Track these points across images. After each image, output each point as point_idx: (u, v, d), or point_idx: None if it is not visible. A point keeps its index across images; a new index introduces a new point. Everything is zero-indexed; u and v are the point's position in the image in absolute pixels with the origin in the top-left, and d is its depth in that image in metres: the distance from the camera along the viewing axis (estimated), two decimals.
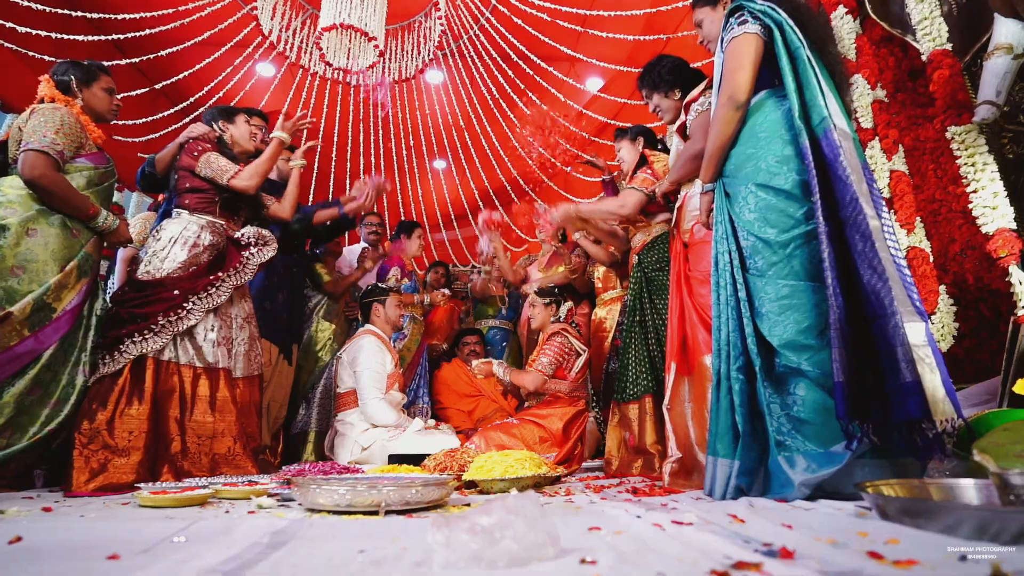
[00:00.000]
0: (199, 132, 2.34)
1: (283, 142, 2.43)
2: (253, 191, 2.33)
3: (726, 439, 1.51)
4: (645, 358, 2.47)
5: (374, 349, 2.90)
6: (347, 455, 2.72)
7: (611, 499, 1.52)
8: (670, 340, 2.12)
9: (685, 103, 2.24)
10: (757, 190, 1.61)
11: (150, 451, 1.99)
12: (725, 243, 1.71)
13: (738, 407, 1.50)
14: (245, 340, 2.44)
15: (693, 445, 1.87)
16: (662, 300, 2.56)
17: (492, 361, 2.95)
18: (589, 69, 5.24)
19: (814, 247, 1.49)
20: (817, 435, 1.38)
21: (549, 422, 2.63)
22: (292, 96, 4.92)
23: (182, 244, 2.25)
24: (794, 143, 1.57)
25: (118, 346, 2.02)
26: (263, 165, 2.34)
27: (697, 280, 2.11)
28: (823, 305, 1.45)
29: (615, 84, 5.08)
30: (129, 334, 2.03)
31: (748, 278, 1.62)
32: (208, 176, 2.28)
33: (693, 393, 1.99)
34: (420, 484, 1.33)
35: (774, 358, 1.51)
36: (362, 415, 2.82)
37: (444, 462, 2.00)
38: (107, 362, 2.02)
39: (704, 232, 2.16)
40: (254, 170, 2.32)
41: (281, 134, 2.44)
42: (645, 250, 2.67)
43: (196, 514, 1.25)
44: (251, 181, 2.30)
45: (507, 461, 1.78)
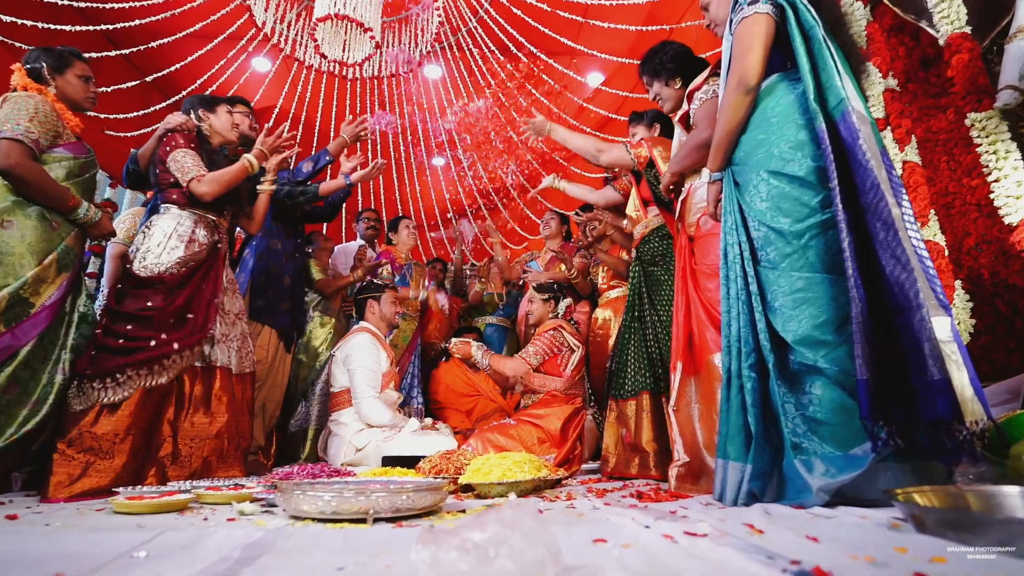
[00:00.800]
0: (176, 123, 2.23)
1: (250, 164, 2.28)
2: (208, 199, 2.20)
3: (737, 441, 1.42)
4: (643, 354, 2.39)
5: (368, 347, 2.81)
6: (341, 456, 2.64)
7: (615, 504, 1.43)
8: (676, 338, 2.03)
9: (688, 92, 2.15)
10: (769, 177, 1.52)
11: (138, 454, 1.90)
12: (735, 234, 1.62)
13: (750, 407, 1.41)
14: (238, 336, 2.36)
15: (701, 448, 1.78)
16: (660, 295, 2.48)
17: (471, 342, 2.79)
18: (590, 63, 5.16)
19: (831, 237, 1.40)
20: (835, 437, 1.29)
21: (547, 422, 2.55)
22: (287, 90, 4.82)
23: (178, 239, 2.16)
24: (809, 127, 1.48)
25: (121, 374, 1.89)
26: (226, 177, 2.21)
27: (704, 274, 2.02)
28: (841, 298, 1.36)
29: (617, 77, 4.99)
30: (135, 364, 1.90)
31: (760, 270, 1.53)
32: (174, 173, 2.18)
33: (700, 394, 1.90)
34: (411, 490, 1.25)
35: (788, 355, 1.43)
36: (356, 415, 2.73)
37: (440, 465, 1.91)
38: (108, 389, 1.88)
39: (711, 224, 2.07)
40: (216, 178, 2.19)
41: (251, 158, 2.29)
42: (642, 243, 2.59)
43: (170, 522, 1.17)
44: (209, 188, 2.17)
45: (505, 464, 1.70)
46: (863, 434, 1.25)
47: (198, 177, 2.15)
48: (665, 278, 2.42)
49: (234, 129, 2.51)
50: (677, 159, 2.18)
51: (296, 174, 3.14)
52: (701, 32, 3.14)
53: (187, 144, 2.20)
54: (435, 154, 6.19)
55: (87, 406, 1.83)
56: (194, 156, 2.18)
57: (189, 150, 2.18)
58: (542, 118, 2.52)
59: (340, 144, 3.13)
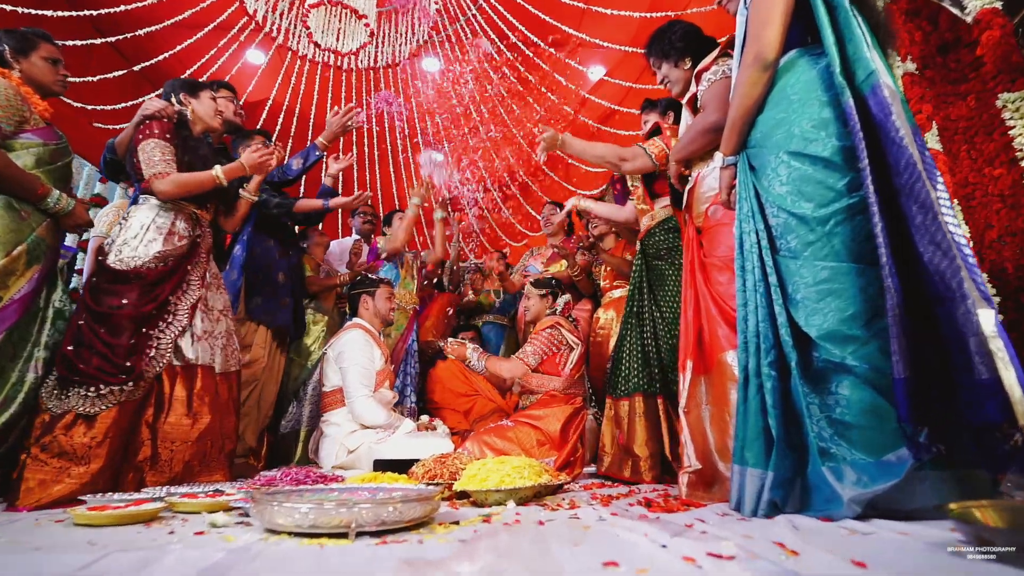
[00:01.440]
0: (154, 109, 2.10)
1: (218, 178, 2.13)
2: (164, 198, 2.06)
3: (756, 446, 1.30)
4: (638, 352, 2.26)
5: (361, 344, 2.69)
6: (332, 458, 2.52)
7: (623, 515, 1.31)
8: (684, 335, 1.91)
9: (696, 73, 2.03)
10: (790, 159, 1.40)
11: (115, 459, 1.78)
12: (751, 222, 1.50)
13: (771, 409, 1.29)
14: (223, 333, 2.24)
15: (713, 453, 1.66)
16: (663, 290, 2.36)
17: (467, 343, 2.69)
18: (592, 54, 5.03)
19: (858, 223, 1.28)
20: (866, 442, 1.17)
21: (546, 423, 2.42)
22: (280, 82, 4.70)
23: (156, 231, 2.04)
24: (833, 104, 1.36)
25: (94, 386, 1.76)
26: (191, 182, 2.06)
27: (715, 267, 1.90)
28: (870, 289, 1.24)
29: (620, 70, 4.87)
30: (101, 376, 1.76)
31: (779, 260, 1.41)
32: (141, 163, 2.04)
33: (711, 394, 1.78)
34: (399, 500, 1.13)
35: (811, 351, 1.31)
36: (349, 415, 2.61)
37: (434, 469, 1.80)
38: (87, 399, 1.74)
39: (720, 214, 1.95)
40: (180, 182, 2.04)
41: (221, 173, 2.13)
42: (648, 235, 2.47)
43: (127, 538, 1.05)
44: (169, 188, 2.02)
45: (503, 469, 1.58)
46: (897, 438, 1.14)
47: (162, 174, 2.00)
48: (670, 272, 2.30)
49: (217, 116, 2.38)
50: (682, 145, 2.06)
51: (286, 171, 3.00)
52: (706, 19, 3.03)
53: (162, 134, 2.06)
54: (432, 147, 6.06)
55: (64, 410, 1.71)
56: (165, 149, 2.04)
57: (162, 141, 2.05)
58: (551, 132, 2.40)
59: (329, 136, 2.99)
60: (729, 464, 1.61)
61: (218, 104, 2.44)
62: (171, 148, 2.07)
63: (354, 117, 3.00)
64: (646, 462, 2.07)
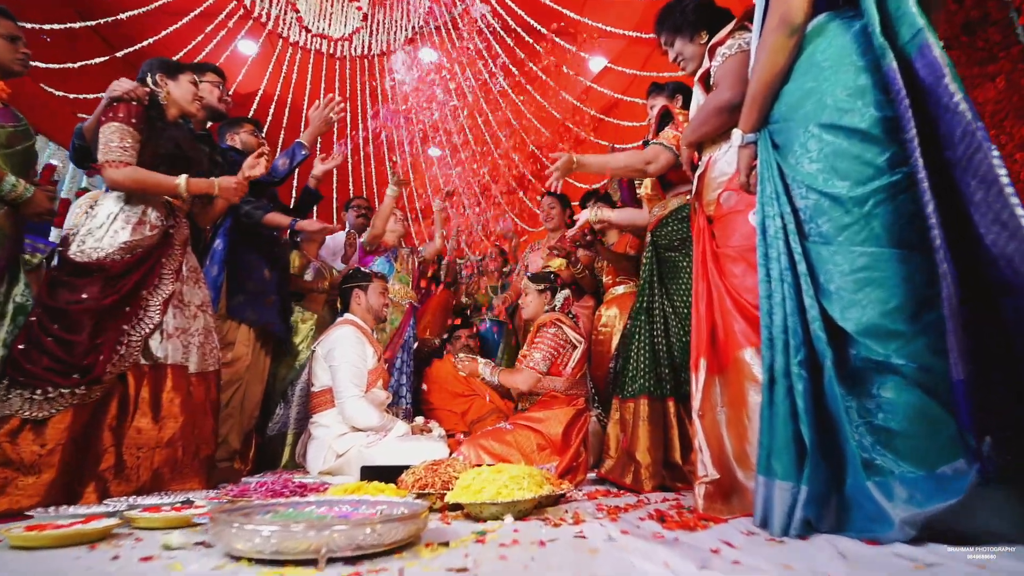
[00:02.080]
0: (122, 90, 1.93)
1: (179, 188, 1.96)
2: (114, 188, 1.90)
3: (786, 456, 1.15)
4: (647, 351, 2.11)
5: (353, 341, 2.54)
6: (320, 463, 2.37)
7: (635, 533, 1.16)
8: (697, 332, 1.76)
9: (710, 47, 1.88)
10: (821, 133, 1.24)
11: (70, 467, 1.63)
12: (775, 204, 1.35)
13: (802, 414, 1.14)
14: (200, 331, 2.09)
15: (731, 460, 1.51)
16: (677, 283, 2.20)
17: (478, 359, 2.59)
18: (595, 44, 4.88)
19: (902, 203, 1.13)
20: (915, 452, 1.02)
21: (547, 426, 2.27)
22: (271, 71, 4.54)
23: (124, 221, 1.88)
24: (871, 70, 1.20)
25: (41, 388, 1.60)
26: (148, 182, 1.89)
27: (729, 258, 1.75)
28: (916, 278, 1.09)
29: (622, 58, 4.71)
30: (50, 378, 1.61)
31: (808, 247, 1.26)
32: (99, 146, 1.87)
33: (727, 396, 1.63)
34: (379, 520, 0.98)
35: (848, 349, 1.16)
36: (339, 416, 2.46)
37: (425, 478, 1.64)
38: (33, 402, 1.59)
39: (734, 200, 1.81)
40: (137, 178, 1.87)
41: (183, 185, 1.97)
42: (659, 226, 2.31)
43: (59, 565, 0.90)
44: (123, 179, 1.85)
45: (500, 479, 1.43)
46: (953, 448, 0.98)
47: (117, 162, 1.83)
48: (685, 264, 2.15)
49: (195, 101, 2.21)
50: (693, 127, 1.91)
51: (272, 172, 2.84)
52: None
53: (127, 119, 1.90)
54: (430, 142, 5.91)
55: (7, 413, 1.55)
56: (126, 134, 1.87)
57: (125, 126, 1.88)
58: (564, 155, 2.23)
59: (313, 133, 2.83)
60: (749, 473, 1.47)
61: (200, 89, 2.28)
62: (135, 135, 1.91)
63: (335, 108, 2.83)
64: (647, 470, 1.92)
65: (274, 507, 1.27)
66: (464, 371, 2.59)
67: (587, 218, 2.70)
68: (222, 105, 2.67)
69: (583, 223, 2.71)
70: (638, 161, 2.20)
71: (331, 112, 2.81)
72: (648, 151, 2.21)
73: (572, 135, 5.13)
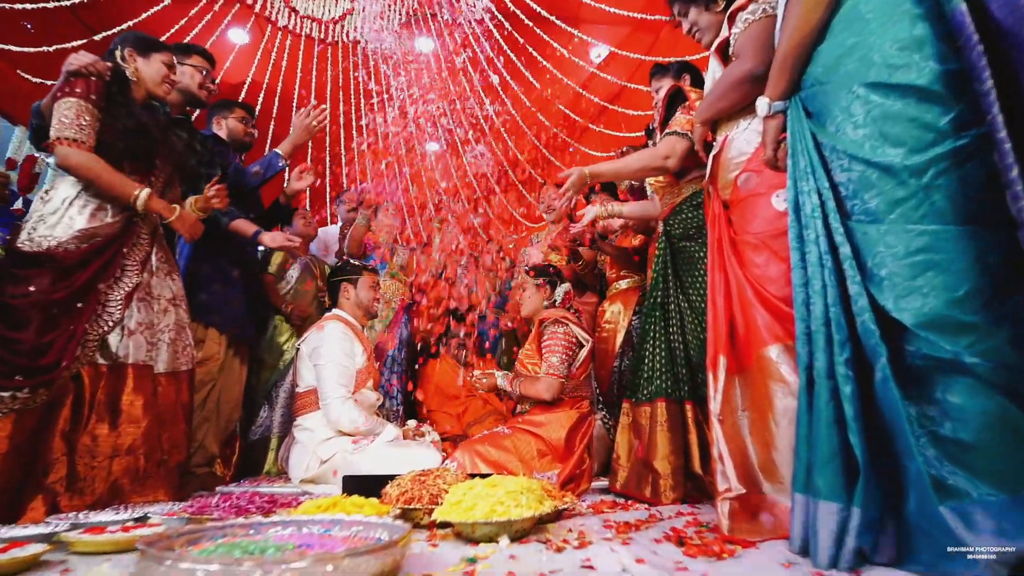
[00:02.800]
0: (80, 64, 1.74)
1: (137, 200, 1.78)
2: (65, 170, 1.73)
3: (830, 471, 0.98)
4: (663, 350, 1.92)
5: (340, 338, 2.36)
6: (302, 470, 2.19)
7: (652, 562, 0.99)
8: (714, 327, 1.59)
9: (729, 14, 1.70)
10: (868, 93, 1.07)
11: (12, 481, 1.45)
12: (810, 179, 1.18)
13: (851, 421, 0.96)
14: (171, 327, 1.92)
15: (756, 472, 1.34)
16: (694, 275, 2.03)
17: (495, 373, 2.42)
18: (597, 31, 4.69)
19: (970, 171, 0.95)
20: (995, 470, 0.84)
21: (549, 431, 2.10)
22: (259, 58, 4.35)
23: (81, 206, 1.71)
24: (930, 17, 1.02)
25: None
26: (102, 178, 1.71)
27: (749, 245, 1.58)
28: (989, 258, 0.92)
29: (627, 44, 4.52)
30: None
31: (852, 227, 1.08)
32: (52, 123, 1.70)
33: (750, 398, 1.46)
34: (345, 555, 0.80)
35: (904, 344, 0.98)
36: (324, 419, 2.28)
37: (411, 491, 1.47)
38: None
39: (754, 182, 1.64)
40: (93, 167, 1.69)
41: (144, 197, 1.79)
42: (672, 214, 2.13)
43: None
44: (75, 163, 1.68)
45: (495, 494, 1.25)
46: None
47: (71, 141, 1.66)
48: (702, 255, 1.97)
49: (164, 84, 2.02)
50: (709, 102, 1.73)
51: (243, 176, 2.64)
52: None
53: (84, 94, 1.72)
54: (427, 135, 5.72)
55: None
56: (83, 111, 1.69)
57: (82, 102, 1.70)
58: (576, 170, 2.06)
59: (293, 143, 2.65)
60: (779, 486, 1.29)
61: (178, 71, 2.10)
62: (93, 112, 1.73)
63: (319, 117, 2.63)
64: (667, 480, 1.74)
65: (230, 530, 1.09)
66: (482, 388, 2.43)
67: (596, 213, 2.51)
68: (203, 92, 2.48)
69: (591, 219, 2.52)
70: (654, 159, 2.02)
71: (315, 121, 2.62)
72: (662, 145, 2.03)
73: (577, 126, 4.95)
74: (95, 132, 1.75)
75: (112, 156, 1.81)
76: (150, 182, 1.95)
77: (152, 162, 1.97)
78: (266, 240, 2.45)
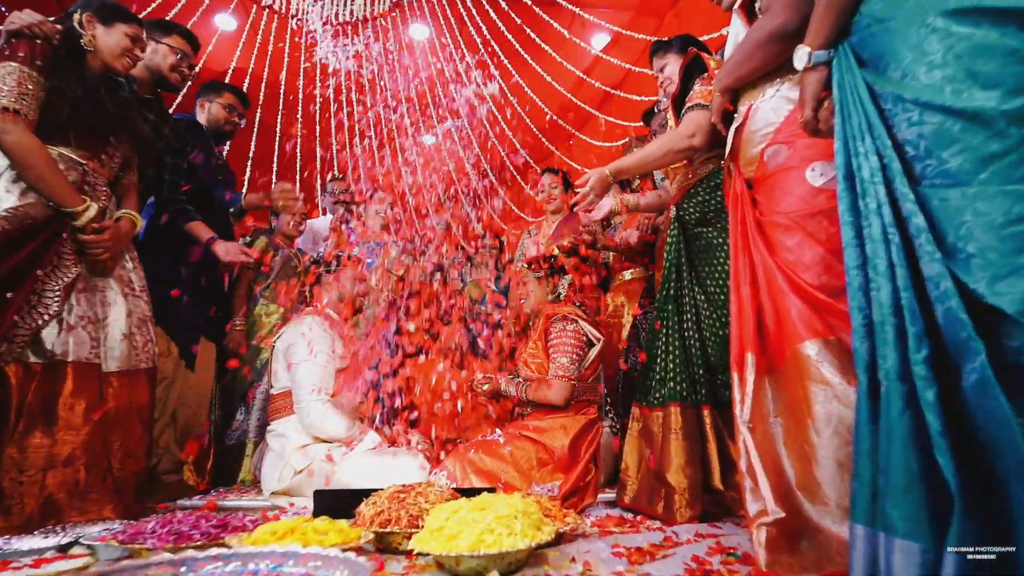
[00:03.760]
0: (23, 23, 1.54)
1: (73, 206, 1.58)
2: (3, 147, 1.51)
3: (910, 501, 0.76)
4: (677, 349, 1.71)
5: (318, 334, 2.15)
6: (275, 481, 1.98)
7: None
8: (739, 320, 1.39)
9: None
10: (951, 23, 0.85)
11: None
12: (866, 139, 0.97)
13: (937, 436, 0.75)
14: (125, 320, 1.71)
15: (794, 492, 1.13)
16: (711, 264, 1.82)
17: (498, 377, 2.20)
18: (597, 19, 4.49)
19: None
20: None
21: (550, 437, 1.88)
22: (244, 42, 4.14)
23: (11, 181, 1.50)
24: None
25: None
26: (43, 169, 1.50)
27: (779, 227, 1.38)
28: None
29: (630, 29, 4.31)
30: None
31: (926, 193, 0.87)
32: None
33: (783, 402, 1.25)
34: None
35: (1001, 338, 0.77)
36: (300, 424, 2.07)
37: (388, 511, 1.26)
38: None
39: (785, 155, 1.44)
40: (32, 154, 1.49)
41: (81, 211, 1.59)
42: (685, 198, 1.92)
43: None
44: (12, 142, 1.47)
45: (484, 520, 1.04)
46: None
47: (13, 113, 1.46)
48: (720, 241, 1.77)
49: (124, 56, 1.81)
50: (731, 66, 1.53)
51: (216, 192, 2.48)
52: None
53: (27, 59, 1.51)
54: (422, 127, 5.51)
55: None
56: (25, 78, 1.48)
57: (24, 68, 1.50)
58: (595, 171, 1.89)
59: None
60: (823, 508, 1.08)
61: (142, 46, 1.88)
62: (37, 80, 1.53)
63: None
64: (682, 496, 1.52)
65: (158, 568, 0.88)
66: (485, 394, 2.22)
67: (611, 207, 2.27)
68: (174, 75, 2.26)
69: (605, 214, 2.29)
70: (679, 140, 1.80)
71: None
72: (684, 123, 1.81)
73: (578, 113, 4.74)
74: (39, 104, 1.55)
75: (57, 125, 1.61)
76: (101, 160, 1.75)
77: (106, 139, 1.77)
78: (219, 251, 2.25)
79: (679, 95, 2.01)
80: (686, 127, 1.79)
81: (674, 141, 1.81)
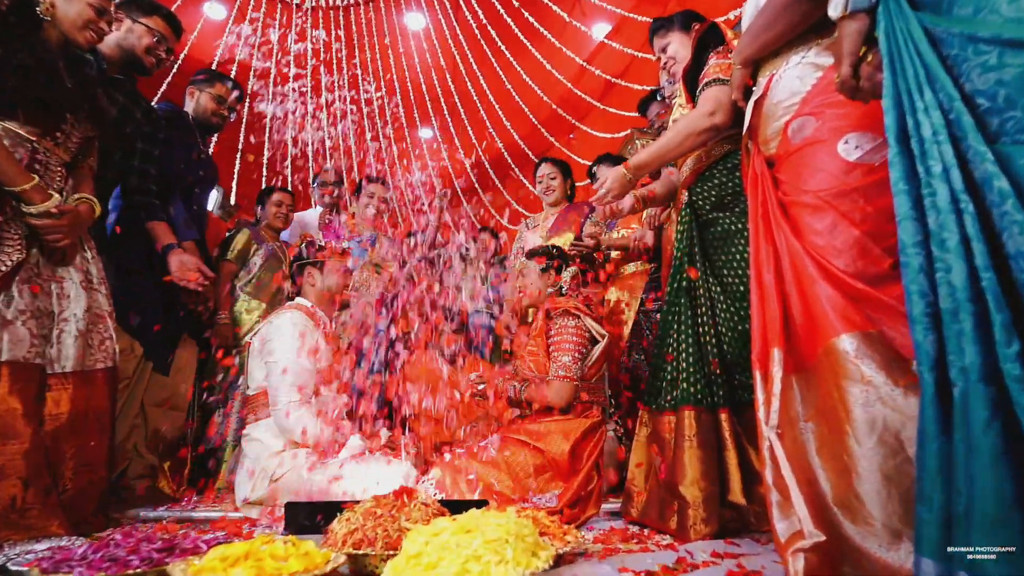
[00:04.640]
0: None
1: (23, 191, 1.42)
2: None
3: (1004, 536, 0.60)
4: (690, 346, 1.53)
5: (298, 330, 1.99)
6: (248, 488, 1.82)
7: None
8: (762, 312, 1.24)
9: None
10: None
11: None
12: (925, 93, 0.81)
13: None
14: (81, 315, 1.55)
15: (831, 509, 0.97)
16: (726, 255, 1.65)
17: (495, 377, 2.07)
18: (597, 13, 4.33)
19: None
20: None
21: (550, 442, 1.72)
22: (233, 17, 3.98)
23: None
24: None
25: None
26: None
27: (808, 207, 1.23)
28: None
29: (628, 27, 4.16)
30: None
31: (1007, 152, 0.72)
32: None
33: (814, 405, 1.10)
34: None
35: None
36: (276, 428, 1.91)
37: (363, 529, 1.10)
38: None
39: (812, 128, 1.30)
40: None
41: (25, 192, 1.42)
42: (698, 181, 1.75)
43: None
44: None
45: (470, 547, 0.88)
46: None
47: None
48: (739, 227, 1.61)
49: (86, 30, 1.64)
50: (753, 33, 1.37)
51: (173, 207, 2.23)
52: None
53: None
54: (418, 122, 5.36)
55: None
56: None
57: None
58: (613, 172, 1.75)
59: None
60: (864, 528, 0.93)
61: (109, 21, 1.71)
62: None
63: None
64: (697, 511, 1.35)
65: None
66: (480, 394, 2.07)
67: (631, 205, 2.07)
68: (149, 58, 2.09)
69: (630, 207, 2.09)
70: (700, 120, 1.61)
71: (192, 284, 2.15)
72: (703, 101, 1.63)
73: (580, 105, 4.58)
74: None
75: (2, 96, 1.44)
76: (56, 139, 1.59)
77: (62, 116, 1.61)
78: (171, 263, 2.00)
79: (691, 71, 1.84)
80: (705, 105, 1.62)
81: (694, 123, 1.63)
